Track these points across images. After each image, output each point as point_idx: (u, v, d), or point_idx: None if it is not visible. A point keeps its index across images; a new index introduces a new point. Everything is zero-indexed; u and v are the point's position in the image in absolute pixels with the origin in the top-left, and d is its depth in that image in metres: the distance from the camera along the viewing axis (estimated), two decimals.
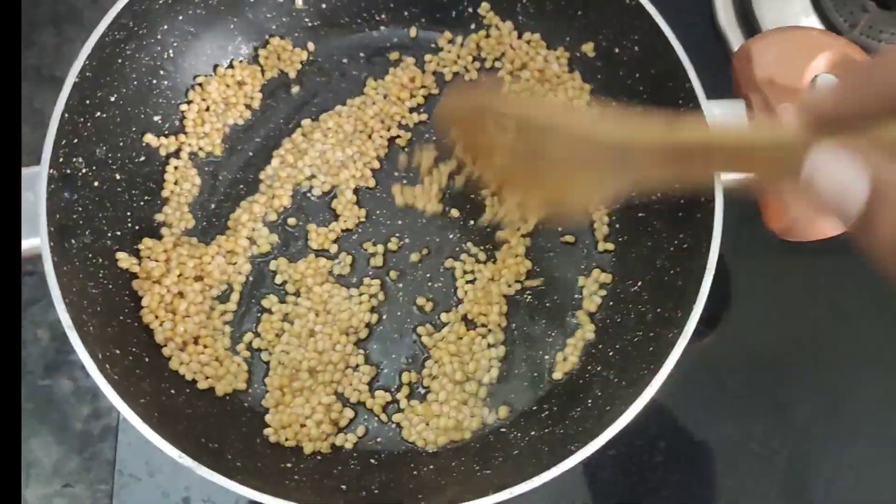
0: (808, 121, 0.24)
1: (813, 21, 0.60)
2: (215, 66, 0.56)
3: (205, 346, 0.51)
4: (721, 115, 0.47)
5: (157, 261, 0.51)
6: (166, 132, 0.54)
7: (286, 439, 0.48)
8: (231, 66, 0.57)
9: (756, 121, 0.24)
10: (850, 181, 0.21)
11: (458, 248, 0.54)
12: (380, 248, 0.54)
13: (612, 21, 0.53)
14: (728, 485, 0.53)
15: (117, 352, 0.45)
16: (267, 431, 0.49)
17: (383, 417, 0.50)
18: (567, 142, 0.34)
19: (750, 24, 0.61)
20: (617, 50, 0.54)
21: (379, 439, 0.50)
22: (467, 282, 0.53)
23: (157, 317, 0.50)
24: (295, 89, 0.58)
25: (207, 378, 0.50)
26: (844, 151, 0.22)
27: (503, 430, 0.50)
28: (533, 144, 0.37)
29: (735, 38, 0.61)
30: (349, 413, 0.50)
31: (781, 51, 0.48)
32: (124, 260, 0.50)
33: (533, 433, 0.48)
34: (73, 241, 0.46)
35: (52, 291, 0.42)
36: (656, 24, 0.49)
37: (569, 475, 0.41)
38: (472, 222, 0.55)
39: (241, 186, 0.55)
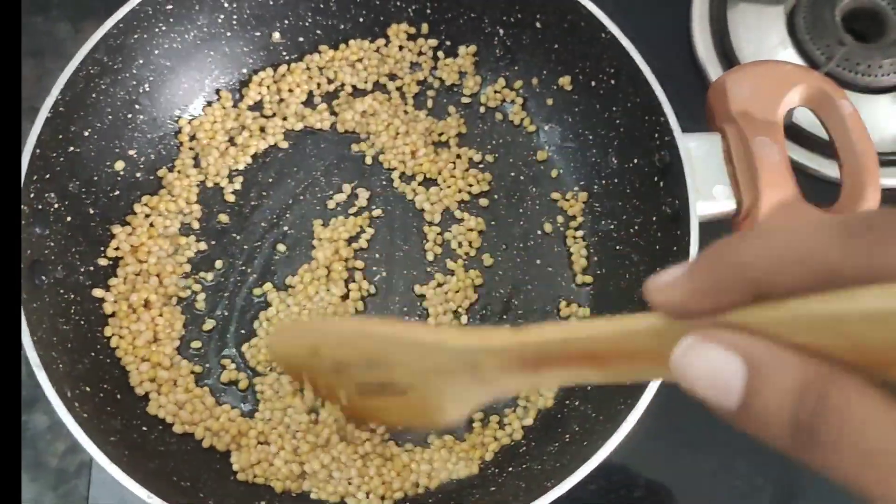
0: (662, 312, 0.21)
1: (790, 54, 0.61)
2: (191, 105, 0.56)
3: (186, 391, 0.50)
4: (695, 148, 0.47)
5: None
6: (141, 166, 0.54)
7: (255, 476, 0.47)
8: (209, 104, 0.56)
9: (613, 317, 0.21)
10: (722, 368, 0.19)
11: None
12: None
13: (589, 54, 0.53)
14: None
15: (87, 389, 0.45)
16: (235, 468, 0.48)
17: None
18: (412, 358, 0.31)
19: (728, 57, 0.61)
20: (594, 83, 0.54)
21: None
22: None
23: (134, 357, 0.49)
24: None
25: (184, 424, 0.49)
26: (710, 338, 0.19)
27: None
28: (376, 373, 0.34)
29: (714, 71, 0.61)
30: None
31: (756, 84, 0.49)
32: (106, 303, 0.49)
33: (511, 469, 0.48)
34: (43, 278, 0.46)
35: (22, 329, 0.42)
36: (632, 57, 0.49)
37: None
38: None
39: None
